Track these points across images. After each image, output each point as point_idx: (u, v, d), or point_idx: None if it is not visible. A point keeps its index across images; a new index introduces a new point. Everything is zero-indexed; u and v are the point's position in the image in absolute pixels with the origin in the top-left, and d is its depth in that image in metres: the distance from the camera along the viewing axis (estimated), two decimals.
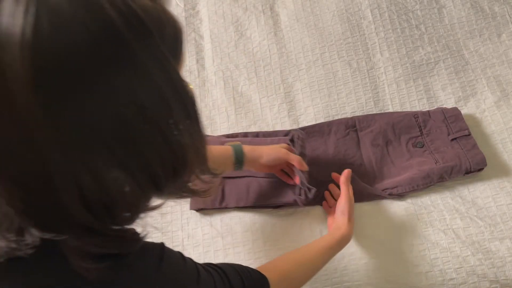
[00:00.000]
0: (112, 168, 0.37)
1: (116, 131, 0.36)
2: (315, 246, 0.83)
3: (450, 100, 1.18)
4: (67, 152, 0.35)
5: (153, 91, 0.37)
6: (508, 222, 0.99)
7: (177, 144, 0.40)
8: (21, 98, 0.32)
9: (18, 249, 0.38)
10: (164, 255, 0.48)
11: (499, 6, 1.26)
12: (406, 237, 0.98)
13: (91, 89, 0.34)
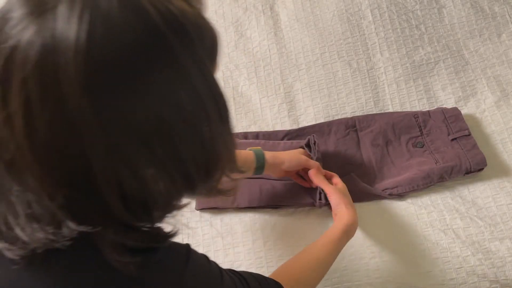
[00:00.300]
0: (150, 166, 0.39)
1: (157, 131, 0.38)
2: (323, 243, 0.83)
3: (450, 100, 1.18)
4: (112, 151, 0.37)
5: (191, 93, 0.39)
6: (508, 222, 0.99)
7: (210, 145, 0.42)
8: (73, 100, 0.34)
9: (56, 241, 0.39)
10: (190, 256, 0.49)
11: (499, 6, 1.26)
12: (406, 237, 0.98)
13: (137, 91, 0.36)
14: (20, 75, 0.34)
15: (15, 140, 0.36)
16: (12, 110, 0.35)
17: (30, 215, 0.39)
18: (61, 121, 0.35)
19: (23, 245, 0.39)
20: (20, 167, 0.38)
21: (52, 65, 0.34)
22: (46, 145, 0.36)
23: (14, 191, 0.39)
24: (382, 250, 0.96)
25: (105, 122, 0.36)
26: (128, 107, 0.36)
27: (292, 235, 1.00)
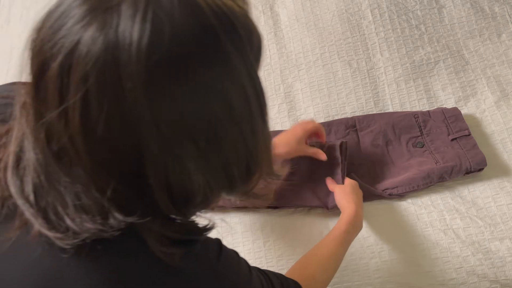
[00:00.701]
0: (195, 163, 0.40)
1: (206, 127, 0.39)
2: (331, 238, 0.83)
3: (450, 100, 1.18)
4: (163, 146, 0.38)
5: (239, 92, 0.40)
6: (508, 222, 0.99)
7: (252, 144, 0.43)
8: (131, 95, 0.36)
9: (105, 231, 0.40)
10: (222, 250, 0.50)
11: (499, 6, 1.26)
12: (406, 237, 0.98)
13: (191, 89, 0.38)
14: (82, 70, 0.36)
15: (68, 132, 0.38)
16: (70, 103, 0.37)
17: (79, 205, 0.40)
18: (118, 116, 0.37)
19: (74, 234, 0.40)
20: (71, 159, 0.39)
21: (114, 61, 0.35)
22: (100, 138, 0.37)
23: (63, 182, 0.40)
24: (382, 250, 0.96)
25: (160, 117, 0.37)
26: (182, 104, 0.38)
27: (292, 235, 1.00)
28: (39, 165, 0.41)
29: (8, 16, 1.42)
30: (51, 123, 0.39)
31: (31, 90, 0.40)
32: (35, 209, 0.41)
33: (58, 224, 0.41)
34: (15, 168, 0.42)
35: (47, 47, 0.38)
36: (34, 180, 0.41)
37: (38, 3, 1.40)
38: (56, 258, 0.42)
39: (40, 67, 0.38)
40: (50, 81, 0.37)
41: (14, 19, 1.40)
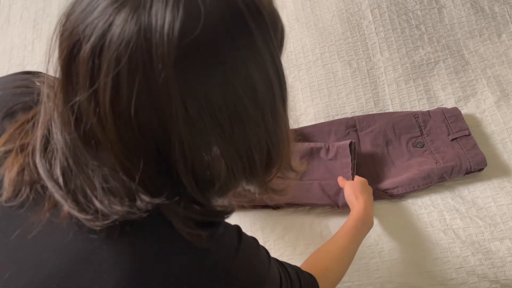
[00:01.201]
0: (219, 146, 0.41)
1: (231, 111, 0.40)
2: (342, 232, 0.84)
3: (450, 100, 1.18)
4: (189, 128, 0.39)
5: (264, 77, 0.41)
6: (508, 222, 0.99)
7: (274, 131, 0.44)
8: (162, 76, 0.37)
9: (133, 213, 0.41)
10: (242, 235, 0.51)
11: (499, 6, 1.26)
12: (406, 237, 0.98)
13: (219, 72, 0.39)
14: (114, 51, 0.37)
15: (98, 113, 0.39)
16: (101, 84, 0.38)
17: (107, 188, 0.41)
18: (148, 96, 0.38)
19: (103, 216, 0.41)
20: (99, 142, 0.40)
21: (146, 43, 0.36)
22: (130, 119, 0.38)
23: (91, 165, 0.41)
24: (382, 250, 0.96)
25: (188, 99, 0.38)
26: (210, 86, 0.39)
27: (292, 235, 1.00)
28: (67, 148, 0.42)
29: (8, 16, 1.42)
30: (80, 105, 0.39)
31: (60, 74, 0.41)
32: (65, 191, 0.42)
33: (87, 206, 0.41)
34: (43, 151, 0.43)
35: (78, 30, 0.39)
36: (62, 163, 0.42)
37: (38, 3, 1.40)
38: (88, 241, 0.42)
39: (71, 49, 0.39)
40: (82, 62, 0.38)
41: (14, 19, 1.40)
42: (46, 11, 1.38)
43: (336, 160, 1.06)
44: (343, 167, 1.05)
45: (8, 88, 0.53)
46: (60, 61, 0.41)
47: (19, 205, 0.44)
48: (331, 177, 1.05)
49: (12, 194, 0.44)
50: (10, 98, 0.51)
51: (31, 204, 0.44)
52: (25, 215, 0.44)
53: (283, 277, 0.58)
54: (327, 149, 1.08)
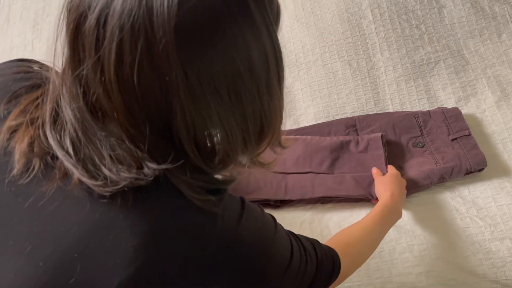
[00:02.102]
0: (217, 115, 0.43)
1: (229, 82, 0.42)
2: (367, 217, 0.84)
3: (451, 100, 1.17)
4: (190, 96, 0.41)
5: (260, 51, 0.43)
6: (508, 222, 0.99)
7: (268, 103, 0.46)
8: (162, 41, 0.39)
9: (141, 179, 0.43)
10: (245, 202, 0.53)
11: (499, 6, 1.26)
12: (406, 237, 0.98)
13: (218, 42, 0.41)
14: (117, 19, 0.39)
15: (103, 83, 0.41)
16: (105, 52, 0.40)
17: (114, 156, 0.43)
18: (150, 62, 0.39)
19: (112, 183, 0.43)
20: (105, 113, 0.43)
21: (147, 11, 0.38)
22: (133, 87, 0.40)
23: (98, 135, 0.43)
24: (382, 250, 0.96)
25: (188, 65, 0.40)
26: (209, 56, 0.40)
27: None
28: (75, 120, 0.43)
29: (8, 16, 1.42)
30: (87, 75, 0.41)
31: (67, 49, 0.43)
32: (75, 160, 0.44)
33: (97, 173, 0.43)
34: (52, 124, 0.45)
35: (84, 2, 0.41)
36: (71, 135, 0.44)
37: (38, 3, 1.40)
38: (105, 211, 0.44)
39: (77, 21, 0.41)
40: (87, 34, 0.40)
41: (14, 19, 1.40)
42: (46, 11, 1.38)
43: (367, 153, 1.07)
44: (375, 159, 1.06)
45: (7, 74, 0.54)
46: (67, 36, 0.43)
47: (31, 179, 0.45)
48: (362, 169, 1.06)
49: (23, 166, 0.45)
50: (12, 84, 0.52)
51: (42, 175, 0.45)
52: (37, 187, 0.45)
53: (294, 245, 0.59)
54: (357, 141, 1.09)
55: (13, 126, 0.47)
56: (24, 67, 0.55)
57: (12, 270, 0.43)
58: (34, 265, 0.43)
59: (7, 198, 0.46)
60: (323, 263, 0.64)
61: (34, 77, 0.53)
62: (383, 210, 0.85)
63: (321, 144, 1.09)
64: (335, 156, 1.08)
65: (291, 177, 1.06)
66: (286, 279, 0.57)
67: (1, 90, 0.52)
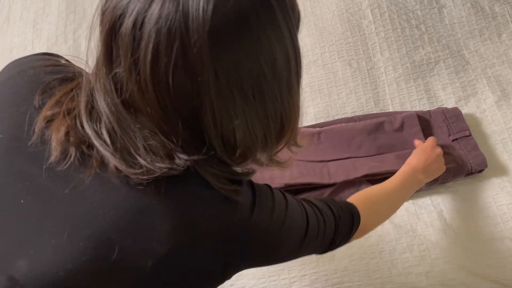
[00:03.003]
0: (242, 113, 0.46)
1: (254, 82, 0.45)
2: (389, 180, 0.87)
3: (451, 100, 1.17)
4: (218, 94, 0.44)
5: (283, 51, 0.46)
6: (508, 222, 0.99)
7: (288, 102, 0.49)
8: (196, 45, 0.41)
9: (174, 169, 0.46)
10: (254, 185, 0.56)
11: (499, 6, 1.26)
12: (407, 237, 0.98)
13: (245, 43, 0.43)
14: (154, 25, 0.41)
15: (138, 82, 0.44)
16: (141, 54, 0.42)
17: (148, 148, 0.46)
18: (184, 64, 0.42)
19: (148, 172, 0.46)
20: (137, 109, 0.46)
21: (184, 16, 0.41)
22: (168, 86, 0.43)
23: (133, 127, 0.46)
24: (382, 251, 0.96)
25: (219, 67, 0.43)
26: (237, 56, 0.43)
27: None
28: (110, 113, 0.46)
29: (8, 15, 1.42)
30: (122, 74, 0.44)
31: (101, 47, 0.46)
32: (112, 149, 0.46)
33: (133, 163, 0.46)
34: (88, 115, 0.48)
35: (121, 5, 0.43)
36: (107, 126, 0.47)
37: (38, 3, 1.40)
38: (140, 197, 0.47)
39: (113, 24, 0.44)
40: (123, 35, 0.43)
41: (14, 18, 1.40)
42: (46, 11, 1.38)
43: (403, 131, 1.09)
44: (411, 136, 1.08)
45: (38, 67, 0.56)
46: (102, 35, 0.45)
47: (68, 167, 0.48)
48: (400, 147, 1.07)
49: (60, 154, 0.48)
50: (44, 76, 0.54)
51: (78, 163, 0.48)
52: (75, 173, 0.48)
53: (309, 212, 0.62)
54: (390, 121, 1.10)
55: (48, 116, 0.49)
56: (53, 61, 0.58)
57: (53, 250, 0.45)
58: (74, 245, 0.45)
59: (46, 183, 0.48)
60: (341, 219, 0.68)
61: (64, 70, 0.55)
62: (402, 175, 0.88)
63: (356, 128, 1.10)
64: (372, 138, 1.09)
65: (332, 163, 1.07)
66: (307, 245, 0.62)
67: (34, 82, 0.54)
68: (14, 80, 0.55)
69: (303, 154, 1.08)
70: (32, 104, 0.51)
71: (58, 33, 1.33)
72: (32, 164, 0.49)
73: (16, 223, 0.47)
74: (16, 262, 0.45)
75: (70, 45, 1.31)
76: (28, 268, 0.45)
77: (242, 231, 0.52)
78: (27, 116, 0.50)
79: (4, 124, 0.51)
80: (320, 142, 1.09)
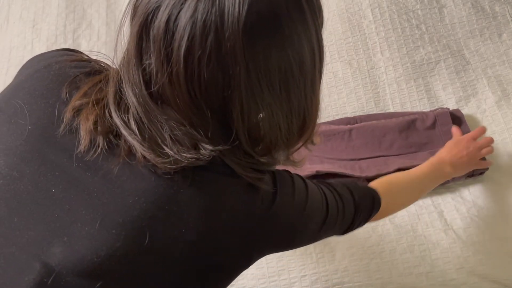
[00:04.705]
0: (269, 107, 0.48)
1: (281, 77, 0.47)
2: (414, 169, 0.88)
3: (451, 100, 1.17)
4: (248, 88, 0.45)
5: (310, 49, 0.48)
6: (508, 222, 0.99)
7: (311, 98, 0.51)
8: (231, 39, 0.43)
9: (200, 159, 0.47)
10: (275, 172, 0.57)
11: (499, 5, 1.26)
12: (407, 237, 0.98)
13: (277, 39, 0.45)
14: (190, 18, 0.43)
15: (170, 74, 0.45)
16: (175, 46, 0.44)
17: (174, 138, 0.47)
18: (217, 57, 0.43)
19: (175, 161, 0.47)
20: (165, 101, 0.47)
21: (220, 10, 0.43)
22: (200, 77, 0.44)
23: (160, 118, 0.47)
24: (382, 251, 0.96)
25: (250, 61, 0.44)
26: (269, 54, 0.45)
27: None
28: (138, 104, 0.48)
29: (8, 15, 1.41)
30: (152, 66, 0.46)
31: (133, 39, 0.47)
32: (140, 139, 0.48)
33: (161, 152, 0.47)
34: (117, 105, 0.49)
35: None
36: (135, 116, 0.48)
37: (38, 3, 1.40)
38: (168, 186, 0.48)
39: (147, 16, 0.45)
40: (157, 28, 0.44)
41: (13, 18, 1.40)
42: (46, 11, 1.38)
43: (435, 129, 1.08)
44: (444, 134, 1.07)
45: (63, 61, 0.57)
46: (134, 28, 0.47)
47: (96, 156, 0.49)
48: (432, 146, 1.07)
49: (89, 143, 0.49)
50: (69, 70, 0.55)
51: (106, 152, 0.49)
52: (104, 162, 0.49)
53: (329, 196, 0.64)
54: (423, 119, 1.10)
55: (77, 106, 0.50)
56: (78, 56, 0.59)
57: (87, 237, 0.47)
58: (107, 232, 0.47)
59: (76, 172, 0.49)
60: (362, 202, 0.70)
61: (88, 65, 0.56)
62: (429, 165, 0.88)
63: (388, 126, 1.09)
64: (404, 136, 1.09)
65: (363, 161, 1.07)
66: (326, 228, 0.64)
67: (61, 75, 0.55)
68: (41, 74, 0.55)
69: (334, 152, 1.08)
70: (60, 97, 0.52)
71: (58, 33, 1.33)
72: (62, 154, 0.50)
73: (50, 212, 0.48)
74: (50, 249, 0.47)
75: (70, 45, 1.31)
76: (62, 255, 0.46)
77: (266, 217, 0.53)
78: (56, 108, 0.51)
79: (34, 116, 0.52)
80: (351, 139, 1.09)
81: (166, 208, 0.48)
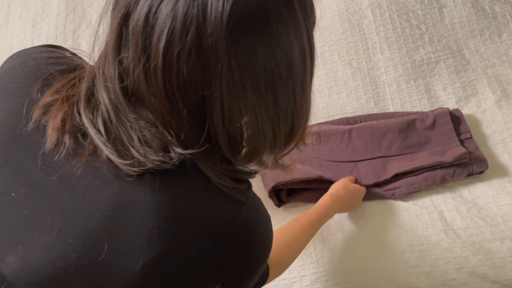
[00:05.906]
0: (252, 109, 0.44)
1: (268, 78, 0.43)
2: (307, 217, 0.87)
3: (451, 100, 1.17)
4: (231, 88, 0.42)
5: (300, 49, 0.45)
6: (509, 222, 0.99)
7: (300, 101, 0.48)
8: (213, 34, 0.40)
9: (167, 163, 0.44)
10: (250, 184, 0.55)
11: (499, 5, 1.26)
12: (407, 237, 0.98)
13: (264, 37, 0.42)
14: (171, 10, 0.40)
15: (147, 69, 0.42)
16: (155, 39, 0.41)
17: (143, 139, 0.45)
18: (198, 52, 0.41)
19: (139, 164, 0.44)
20: (138, 99, 0.44)
21: (202, 2, 0.40)
22: (178, 73, 0.42)
23: (130, 117, 0.45)
24: (382, 251, 0.96)
25: (234, 59, 0.41)
26: (254, 52, 0.42)
27: None
28: (109, 101, 0.45)
29: (7, 15, 1.41)
30: (129, 60, 0.43)
31: (112, 32, 0.44)
32: (105, 138, 0.45)
33: (125, 154, 0.45)
34: (87, 103, 0.47)
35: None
36: (103, 115, 0.45)
37: (38, 3, 1.40)
38: (133, 192, 0.45)
39: (129, 7, 0.42)
40: (137, 20, 0.42)
41: (13, 18, 1.40)
42: (46, 10, 1.38)
43: (434, 129, 1.08)
44: (444, 134, 1.07)
45: (40, 58, 0.55)
46: (115, 20, 0.44)
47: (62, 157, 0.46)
48: (432, 145, 1.07)
49: (56, 141, 0.46)
50: (45, 67, 0.53)
51: (72, 152, 0.47)
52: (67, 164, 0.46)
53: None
54: (422, 118, 1.10)
55: (48, 102, 0.48)
56: (57, 53, 0.57)
57: (43, 246, 0.44)
58: (63, 242, 0.44)
59: (39, 175, 0.47)
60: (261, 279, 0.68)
61: (67, 62, 0.54)
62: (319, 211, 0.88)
63: (387, 126, 1.09)
64: (403, 136, 1.09)
65: (362, 164, 1.07)
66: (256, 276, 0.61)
67: (34, 73, 0.53)
68: (15, 71, 0.54)
69: (333, 154, 1.08)
70: (30, 95, 0.50)
71: (58, 33, 1.33)
72: (26, 155, 0.47)
73: (7, 218, 0.46)
74: (5, 258, 0.44)
75: (70, 45, 1.31)
76: (17, 265, 0.44)
77: (238, 231, 0.50)
78: (24, 106, 0.49)
79: (2, 114, 0.50)
80: (350, 140, 1.09)
81: (128, 217, 0.45)
